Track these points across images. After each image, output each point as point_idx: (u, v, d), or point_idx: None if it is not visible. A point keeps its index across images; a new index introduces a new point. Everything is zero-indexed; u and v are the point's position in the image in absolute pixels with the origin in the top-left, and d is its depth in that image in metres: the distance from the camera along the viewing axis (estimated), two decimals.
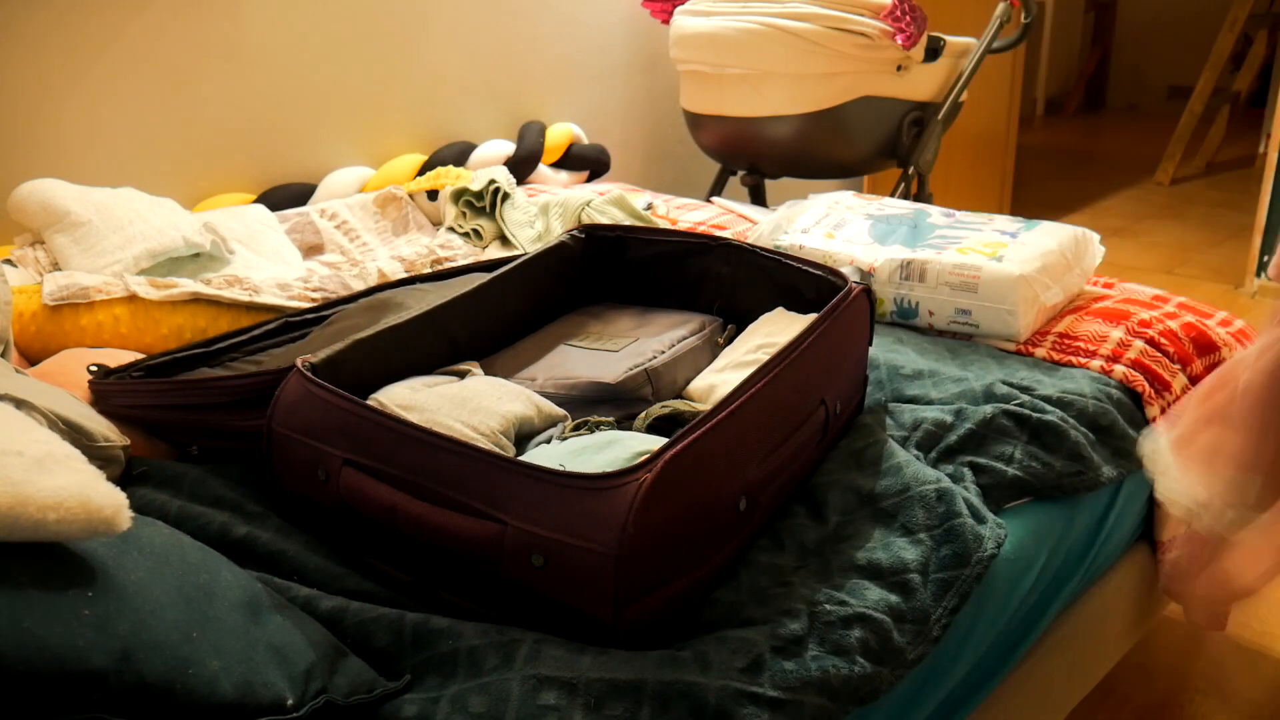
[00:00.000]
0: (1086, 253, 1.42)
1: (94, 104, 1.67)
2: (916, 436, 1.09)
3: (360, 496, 0.84)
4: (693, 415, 1.01)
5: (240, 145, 1.87)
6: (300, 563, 0.86)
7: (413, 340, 1.07)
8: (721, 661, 0.77)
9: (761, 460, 0.89)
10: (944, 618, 0.89)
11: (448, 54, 2.14)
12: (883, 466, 1.01)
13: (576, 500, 0.76)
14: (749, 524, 0.90)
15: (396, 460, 0.83)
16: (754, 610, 0.84)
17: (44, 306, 1.26)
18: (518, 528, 0.77)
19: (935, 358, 1.27)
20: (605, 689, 0.72)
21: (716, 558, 0.85)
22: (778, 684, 0.76)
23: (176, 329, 1.29)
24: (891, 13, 1.98)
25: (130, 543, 0.72)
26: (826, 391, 1.00)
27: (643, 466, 0.76)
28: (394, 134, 2.09)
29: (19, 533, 0.64)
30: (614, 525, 0.74)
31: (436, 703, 0.73)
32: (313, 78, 1.94)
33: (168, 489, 0.94)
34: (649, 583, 0.78)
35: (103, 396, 1.05)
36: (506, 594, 0.80)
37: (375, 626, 0.79)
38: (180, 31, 1.74)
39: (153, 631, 0.66)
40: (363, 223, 1.84)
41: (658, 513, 0.76)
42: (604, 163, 2.32)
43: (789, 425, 0.93)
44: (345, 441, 0.86)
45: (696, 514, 0.81)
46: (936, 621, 0.88)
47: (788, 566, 0.90)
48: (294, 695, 0.70)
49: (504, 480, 0.78)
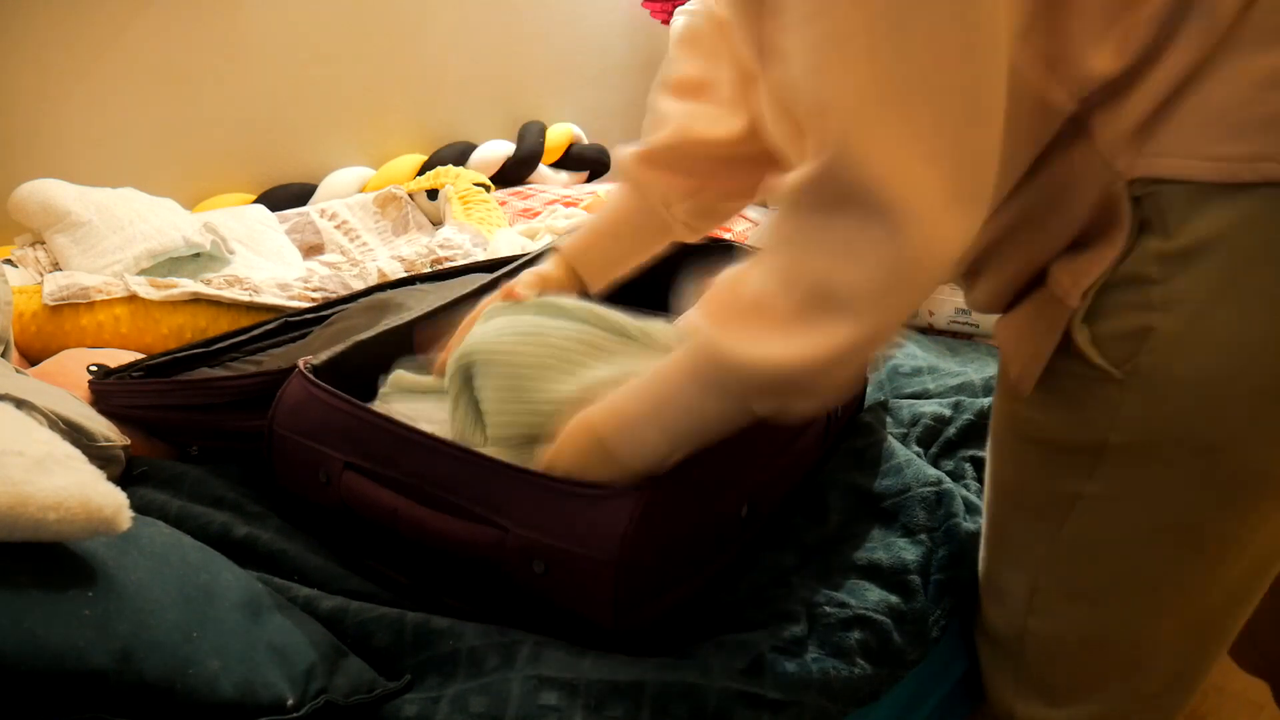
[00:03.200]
0: None
1: (94, 104, 1.67)
2: (916, 432, 1.10)
3: (361, 500, 0.84)
4: None
5: (240, 145, 1.87)
6: (301, 563, 0.86)
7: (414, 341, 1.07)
8: (722, 664, 0.77)
9: (764, 466, 0.89)
10: (942, 619, 0.89)
11: (448, 54, 2.14)
12: (883, 466, 1.01)
13: (578, 507, 0.75)
14: (751, 529, 0.89)
15: (398, 464, 0.83)
16: (754, 612, 0.84)
17: (44, 306, 1.26)
18: (519, 534, 0.76)
19: (935, 354, 1.28)
20: (606, 690, 0.72)
21: (719, 563, 0.85)
22: (778, 685, 0.76)
23: (176, 329, 1.29)
24: None
25: (130, 543, 0.72)
26: None
27: (645, 476, 0.75)
28: (394, 134, 2.09)
29: (19, 533, 0.64)
30: (615, 533, 0.73)
31: (437, 702, 0.73)
32: (313, 78, 1.94)
33: (168, 489, 0.94)
34: (650, 590, 0.78)
35: (103, 396, 1.05)
36: (508, 599, 0.79)
37: (376, 626, 0.79)
38: (180, 31, 1.74)
39: (153, 631, 0.66)
40: (363, 223, 1.84)
41: (659, 521, 0.75)
42: (604, 163, 2.32)
43: (791, 430, 0.93)
44: (346, 444, 0.86)
45: (698, 521, 0.81)
46: (935, 623, 0.88)
47: (788, 567, 0.90)
48: (294, 695, 0.70)
49: (505, 486, 0.78)
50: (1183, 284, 0.64)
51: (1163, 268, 0.65)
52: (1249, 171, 0.61)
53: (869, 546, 0.92)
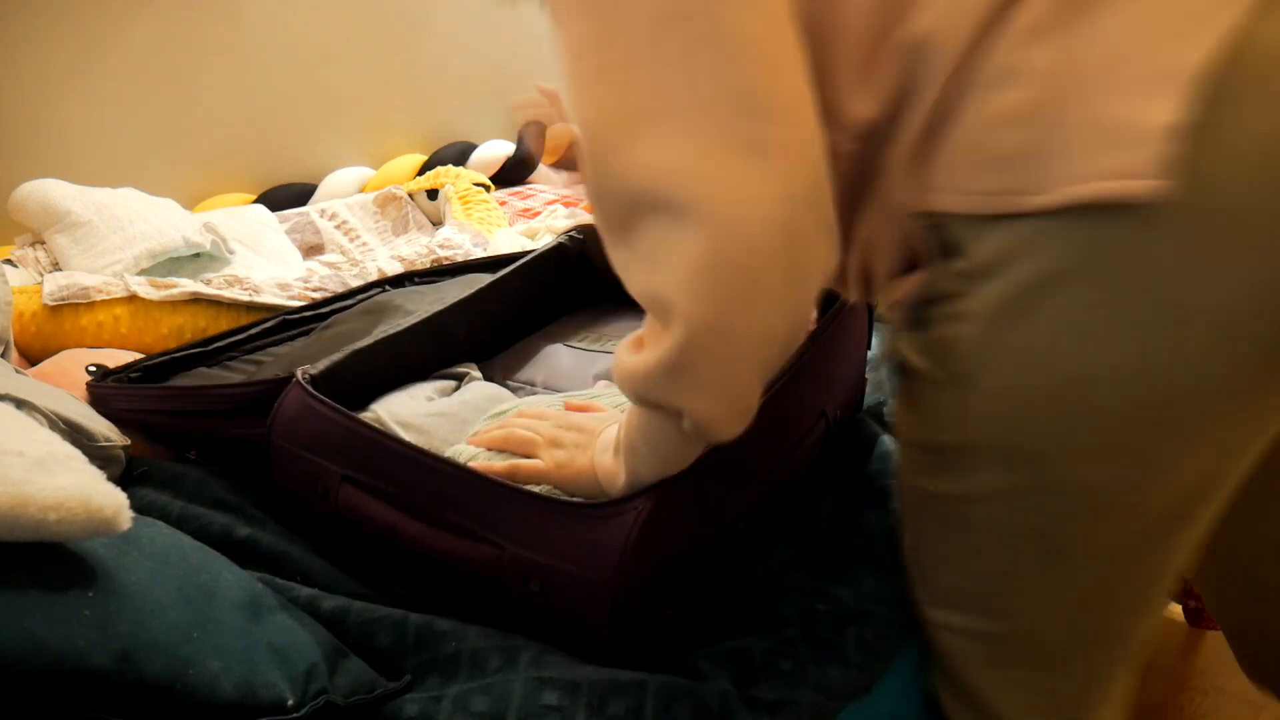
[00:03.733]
0: None
1: (94, 104, 1.67)
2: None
3: (359, 513, 0.84)
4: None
5: (240, 145, 1.87)
6: (304, 565, 0.86)
7: (411, 347, 1.06)
8: (720, 668, 0.77)
9: (763, 480, 0.88)
10: None
11: (448, 54, 2.15)
12: (875, 452, 1.01)
13: (573, 527, 0.75)
14: (749, 542, 0.89)
15: (395, 479, 0.82)
16: (749, 614, 0.84)
17: (44, 307, 1.26)
18: (514, 552, 0.76)
19: None
20: (608, 688, 0.72)
21: (716, 578, 0.85)
22: (775, 686, 0.76)
23: (176, 329, 1.29)
24: None
25: (131, 543, 0.72)
26: (827, 402, 0.99)
27: (641, 494, 0.75)
28: (394, 134, 2.09)
29: (19, 533, 0.64)
30: (611, 553, 0.73)
31: (438, 702, 0.73)
32: (313, 78, 1.94)
33: (169, 490, 0.94)
34: (647, 608, 0.77)
35: (100, 399, 1.04)
36: (505, 614, 0.79)
37: (378, 627, 0.79)
38: (181, 31, 1.74)
39: (153, 632, 0.66)
40: (363, 223, 1.84)
41: (656, 541, 0.75)
42: None
43: (790, 442, 0.93)
44: (344, 458, 0.85)
45: (696, 539, 0.80)
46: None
47: (781, 563, 0.90)
48: (294, 696, 0.70)
49: (501, 504, 0.78)
50: (979, 298, 0.67)
51: (964, 283, 0.68)
52: (1001, 204, 0.64)
53: (863, 534, 0.92)
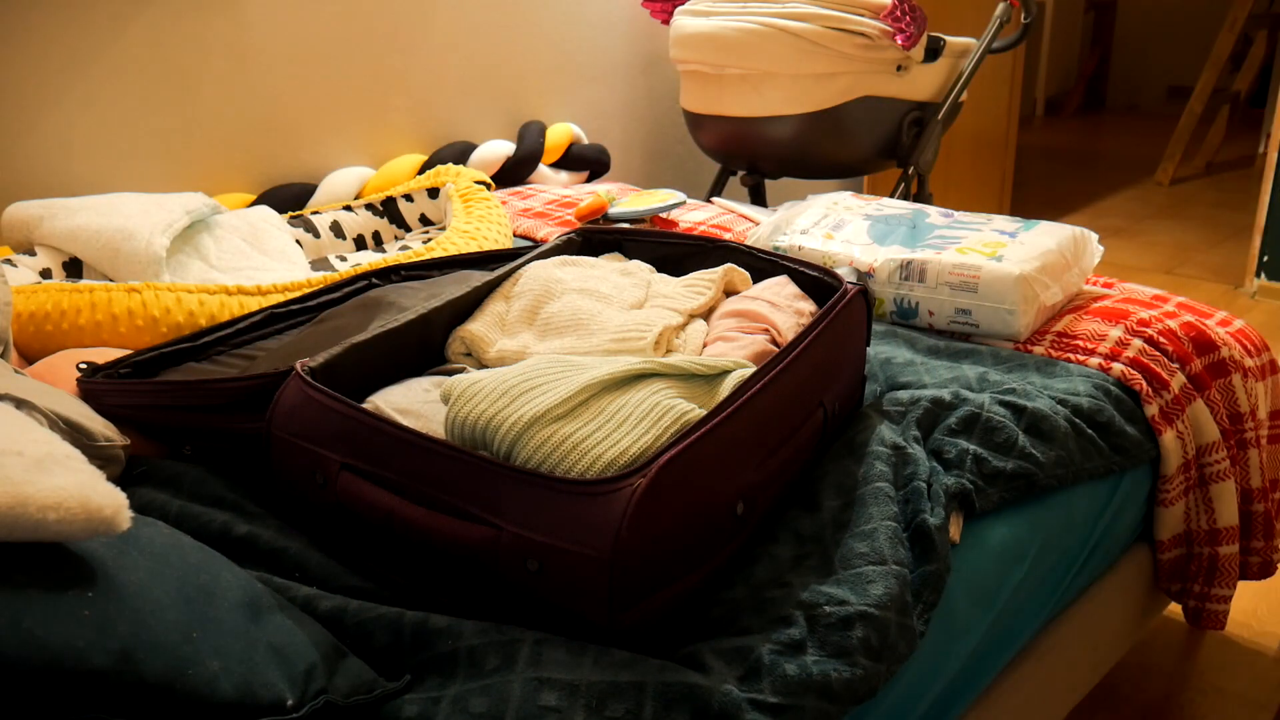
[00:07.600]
0: (1085, 252, 1.42)
1: (94, 104, 1.67)
2: (916, 413, 1.10)
3: (357, 500, 0.84)
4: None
5: (240, 145, 1.87)
6: (302, 559, 0.86)
7: (408, 342, 1.07)
8: (721, 669, 0.77)
9: (759, 464, 0.89)
10: (925, 612, 0.89)
11: (448, 54, 2.15)
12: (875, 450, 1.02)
13: (570, 505, 0.75)
14: (747, 527, 0.89)
15: (393, 464, 0.83)
16: (752, 614, 0.84)
17: (42, 307, 1.26)
18: (512, 532, 0.77)
19: (932, 354, 1.28)
20: (607, 689, 0.72)
21: (714, 560, 0.85)
22: (778, 690, 0.76)
23: (176, 329, 1.29)
24: (891, 13, 1.98)
25: (130, 543, 0.72)
26: (825, 393, 1.00)
27: (637, 471, 0.76)
28: (394, 134, 2.09)
29: (19, 533, 0.64)
30: (608, 530, 0.74)
31: (437, 703, 0.73)
32: (313, 78, 1.94)
33: (168, 489, 0.94)
34: (645, 587, 0.78)
35: (93, 395, 1.04)
36: (504, 597, 0.80)
37: (375, 626, 0.79)
38: (181, 32, 1.74)
39: (153, 632, 0.66)
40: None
41: (652, 517, 0.75)
42: (604, 163, 2.32)
43: (787, 428, 0.93)
44: (343, 445, 0.86)
45: (692, 518, 0.81)
46: (920, 614, 0.89)
47: (786, 562, 0.90)
48: (294, 696, 0.70)
49: (497, 484, 0.78)
50: None
51: None
52: None
53: (866, 531, 0.92)
